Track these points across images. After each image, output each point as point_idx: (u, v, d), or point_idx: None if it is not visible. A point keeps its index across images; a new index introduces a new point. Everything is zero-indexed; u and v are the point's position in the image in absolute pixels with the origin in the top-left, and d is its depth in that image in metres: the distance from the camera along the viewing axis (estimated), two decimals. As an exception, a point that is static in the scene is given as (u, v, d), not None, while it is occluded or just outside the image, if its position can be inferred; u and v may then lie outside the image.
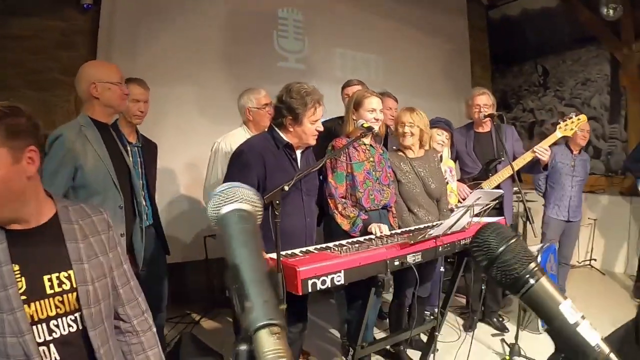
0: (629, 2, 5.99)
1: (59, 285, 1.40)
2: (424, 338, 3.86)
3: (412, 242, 2.66)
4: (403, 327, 3.54)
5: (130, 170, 2.74)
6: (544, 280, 0.85)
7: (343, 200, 3.08)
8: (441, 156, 4.04)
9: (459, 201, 4.06)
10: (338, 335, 4.13)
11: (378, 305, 3.75)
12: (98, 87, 2.57)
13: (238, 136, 3.50)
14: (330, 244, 2.74)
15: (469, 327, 4.29)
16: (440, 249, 2.87)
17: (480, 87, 4.60)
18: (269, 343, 0.68)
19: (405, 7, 6.68)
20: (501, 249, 0.87)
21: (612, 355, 0.82)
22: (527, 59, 7.71)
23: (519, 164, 4.04)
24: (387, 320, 3.90)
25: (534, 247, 4.30)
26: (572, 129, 4.09)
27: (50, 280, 1.39)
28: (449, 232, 2.87)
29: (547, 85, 7.54)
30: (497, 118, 4.16)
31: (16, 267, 1.33)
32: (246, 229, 0.85)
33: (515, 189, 4.41)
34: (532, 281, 0.84)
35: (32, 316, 1.34)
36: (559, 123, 4.14)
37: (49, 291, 1.38)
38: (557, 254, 4.68)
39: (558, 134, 4.09)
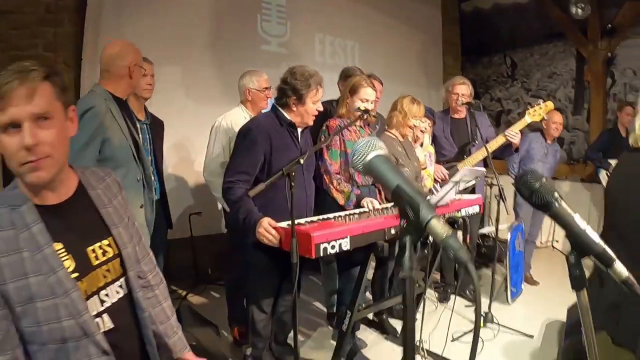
0: (596, 2, 6.35)
1: (103, 254, 1.39)
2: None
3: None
4: (386, 296, 3.78)
5: (139, 146, 2.84)
6: (563, 204, 1.13)
7: (338, 176, 3.29)
8: (421, 143, 4.29)
9: (434, 185, 4.33)
10: (322, 307, 4.35)
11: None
12: (136, 70, 2.76)
13: (236, 115, 3.69)
14: (331, 215, 2.95)
15: (443, 299, 4.61)
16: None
17: (461, 77, 4.85)
18: (440, 225, 1.03)
19: (381, -6, 6.91)
20: (538, 184, 1.12)
21: (607, 248, 1.12)
22: (497, 51, 8.05)
23: (492, 146, 4.31)
24: (370, 293, 4.12)
25: (504, 225, 4.63)
26: (540, 115, 4.41)
27: (94, 251, 1.37)
28: (437, 206, 3.10)
29: (515, 77, 7.89)
30: (475, 106, 4.46)
31: (59, 246, 1.28)
32: (392, 165, 1.16)
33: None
34: (556, 204, 1.11)
35: (85, 291, 1.32)
36: (528, 109, 4.46)
37: (94, 262, 1.36)
38: (525, 232, 5.00)
39: (527, 119, 4.41)
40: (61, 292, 1.25)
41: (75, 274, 1.30)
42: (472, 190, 4.28)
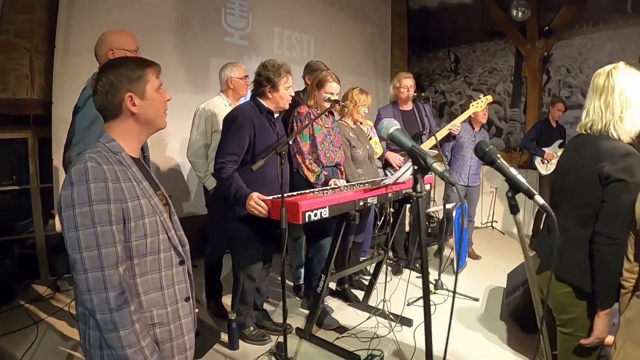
0: (535, 6, 7.05)
1: (163, 198, 1.75)
2: (365, 281, 4.63)
3: (373, 187, 3.34)
4: (346, 266, 4.21)
5: None
6: (502, 160, 1.67)
7: (309, 157, 3.69)
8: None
9: (389, 169, 4.80)
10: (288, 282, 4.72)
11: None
12: (116, 53, 2.87)
13: (217, 102, 4.07)
14: (307, 191, 3.35)
15: (397, 271, 5.10)
16: (389, 195, 3.54)
17: (406, 72, 5.33)
18: (438, 165, 1.65)
19: (335, -9, 7.32)
20: (487, 149, 1.68)
21: (530, 187, 1.63)
22: (442, 47, 8.63)
23: (440, 135, 4.79)
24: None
25: (450, 205, 5.16)
26: (481, 106, 5.06)
27: (159, 195, 1.73)
28: (396, 182, 3.54)
29: (458, 71, 8.49)
30: (425, 98, 4.98)
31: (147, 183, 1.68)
32: (405, 134, 1.80)
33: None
34: (498, 160, 1.65)
35: None
36: (472, 101, 5.10)
37: (162, 202, 1.73)
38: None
39: (472, 109, 5.04)
40: (158, 212, 1.65)
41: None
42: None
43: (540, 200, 1.60)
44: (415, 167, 1.74)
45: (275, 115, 3.40)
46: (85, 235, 1.47)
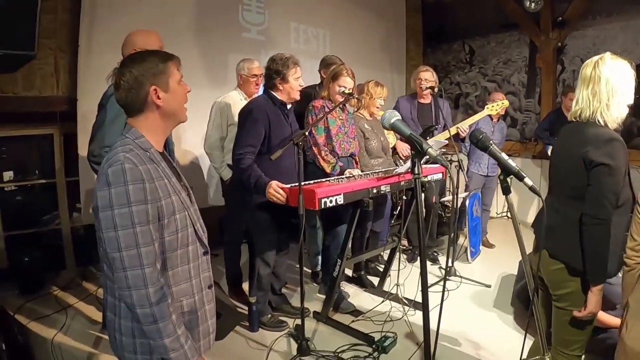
0: None
1: (185, 189, 1.82)
2: (380, 268, 4.76)
3: (386, 175, 3.48)
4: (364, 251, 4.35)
5: None
6: (494, 147, 1.81)
7: (325, 148, 3.82)
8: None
9: (400, 159, 4.90)
10: (306, 269, 4.87)
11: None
12: None
13: (233, 96, 4.24)
14: (323, 180, 3.49)
15: (411, 259, 5.24)
16: (401, 184, 3.67)
17: (426, 66, 5.43)
18: (433, 151, 1.76)
19: (350, -15, 7.41)
20: (481, 136, 1.77)
21: (520, 170, 1.76)
22: (456, 39, 8.66)
23: (452, 132, 4.84)
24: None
25: (463, 194, 5.27)
26: (496, 110, 5.19)
27: (183, 186, 1.81)
28: (408, 172, 3.66)
29: (473, 63, 8.52)
30: (437, 91, 5.05)
31: (175, 179, 1.75)
32: (405, 123, 1.89)
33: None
34: (491, 147, 1.78)
35: None
36: (488, 104, 5.22)
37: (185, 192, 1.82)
38: (481, 201, 5.65)
39: (486, 111, 5.16)
40: (187, 207, 1.75)
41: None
42: (432, 162, 4.88)
43: (529, 182, 1.75)
44: (413, 152, 1.86)
45: (288, 107, 3.53)
46: (124, 235, 1.54)
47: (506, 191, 1.80)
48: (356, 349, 3.32)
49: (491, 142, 1.84)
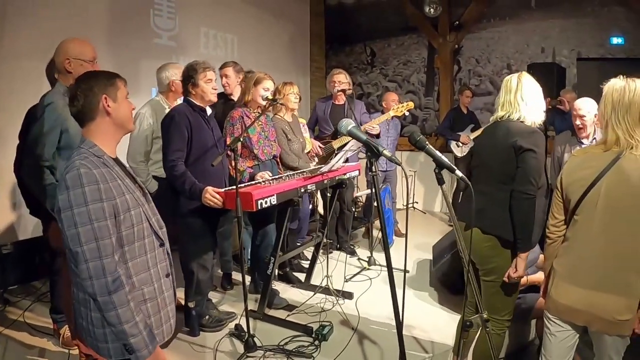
0: (446, 2, 7.71)
1: (140, 189, 2.02)
2: (303, 264, 5.02)
3: (312, 175, 3.72)
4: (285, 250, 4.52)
5: None
6: (430, 146, 2.09)
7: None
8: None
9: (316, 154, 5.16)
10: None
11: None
12: (72, 62, 3.01)
13: (156, 105, 4.13)
14: (253, 182, 3.66)
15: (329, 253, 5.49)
16: (325, 182, 3.93)
17: (338, 68, 5.75)
18: (387, 152, 2.09)
19: (257, -9, 7.62)
20: (419, 137, 2.06)
21: (452, 164, 2.05)
22: (358, 41, 9.11)
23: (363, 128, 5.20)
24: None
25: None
26: (401, 111, 5.55)
27: (137, 189, 1.98)
28: (331, 170, 3.91)
29: (374, 64, 9.01)
30: (348, 94, 5.38)
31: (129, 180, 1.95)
32: (361, 130, 2.17)
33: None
34: (427, 146, 2.06)
35: None
36: (393, 106, 5.61)
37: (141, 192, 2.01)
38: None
39: (391, 113, 5.53)
40: (141, 203, 1.95)
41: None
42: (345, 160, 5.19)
43: (459, 173, 2.06)
44: (369, 154, 2.19)
45: (208, 112, 3.62)
46: (84, 231, 1.73)
47: (440, 182, 2.09)
48: (298, 340, 3.52)
49: (427, 142, 2.14)
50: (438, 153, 2.10)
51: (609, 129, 2.06)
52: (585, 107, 3.80)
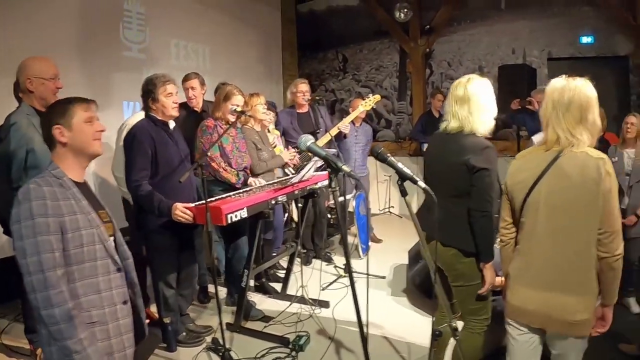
0: (417, 6, 7.82)
1: (105, 217, 2.04)
2: (279, 274, 5.04)
3: (282, 186, 3.73)
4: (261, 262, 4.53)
5: None
6: (391, 157, 2.12)
7: (222, 162, 3.98)
8: (268, 129, 5.08)
9: (288, 168, 5.16)
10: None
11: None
12: (33, 81, 3.00)
13: (140, 118, 4.00)
14: (223, 195, 3.66)
15: (306, 262, 5.54)
16: (296, 192, 3.94)
17: (301, 79, 5.77)
18: (347, 167, 2.12)
19: (228, 0, 7.62)
20: (381, 150, 2.07)
21: (414, 176, 2.07)
22: (330, 48, 9.17)
23: (332, 133, 5.20)
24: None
25: (349, 195, 5.66)
26: (370, 105, 5.56)
27: (102, 214, 2.01)
28: (302, 180, 3.93)
29: (347, 70, 9.07)
30: (319, 102, 5.41)
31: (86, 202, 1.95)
32: (320, 147, 2.15)
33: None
34: (389, 158, 2.09)
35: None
36: (359, 102, 5.61)
37: (104, 219, 2.01)
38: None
39: (361, 108, 5.54)
40: (95, 225, 1.93)
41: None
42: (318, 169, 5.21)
43: (422, 184, 2.07)
44: (329, 170, 2.19)
45: (172, 126, 3.58)
46: (29, 244, 1.76)
47: (404, 193, 2.12)
48: (275, 351, 3.52)
49: (388, 154, 2.16)
50: (400, 165, 2.11)
51: (549, 128, 2.07)
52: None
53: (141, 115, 4.05)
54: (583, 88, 2.04)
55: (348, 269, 2.37)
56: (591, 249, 1.98)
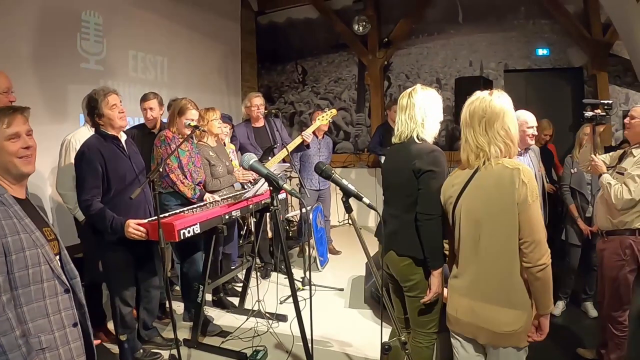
0: (375, 20, 7.98)
1: (50, 234, 1.94)
2: (237, 288, 5.02)
3: (236, 201, 3.76)
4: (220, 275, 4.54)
5: None
6: (336, 174, 2.17)
7: (180, 174, 3.97)
8: (224, 143, 5.09)
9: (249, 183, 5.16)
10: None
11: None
12: None
13: (84, 133, 3.95)
14: (177, 210, 3.65)
15: (265, 275, 5.55)
16: (250, 207, 3.95)
17: (255, 92, 5.80)
18: (288, 185, 2.28)
19: (186, 11, 7.55)
20: (325, 167, 2.14)
21: (359, 192, 2.13)
22: (289, 60, 9.24)
23: (291, 146, 5.23)
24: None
25: (308, 208, 5.68)
26: (327, 119, 5.63)
27: (46, 231, 1.93)
28: (255, 195, 3.94)
29: (306, 82, 9.15)
30: (274, 115, 5.44)
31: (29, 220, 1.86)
32: (262, 164, 2.33)
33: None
34: (334, 175, 2.14)
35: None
36: (318, 113, 5.71)
37: (49, 237, 1.92)
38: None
39: (318, 122, 5.59)
40: (39, 244, 1.83)
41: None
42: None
43: (367, 200, 2.13)
44: (271, 188, 2.28)
45: (123, 139, 3.54)
46: None
47: (348, 210, 2.16)
48: (232, 367, 3.51)
49: (333, 171, 2.22)
50: (344, 182, 2.16)
51: (464, 145, 2.18)
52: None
53: (83, 130, 4.06)
54: (487, 100, 2.11)
55: (290, 281, 2.38)
56: (515, 259, 2.02)
